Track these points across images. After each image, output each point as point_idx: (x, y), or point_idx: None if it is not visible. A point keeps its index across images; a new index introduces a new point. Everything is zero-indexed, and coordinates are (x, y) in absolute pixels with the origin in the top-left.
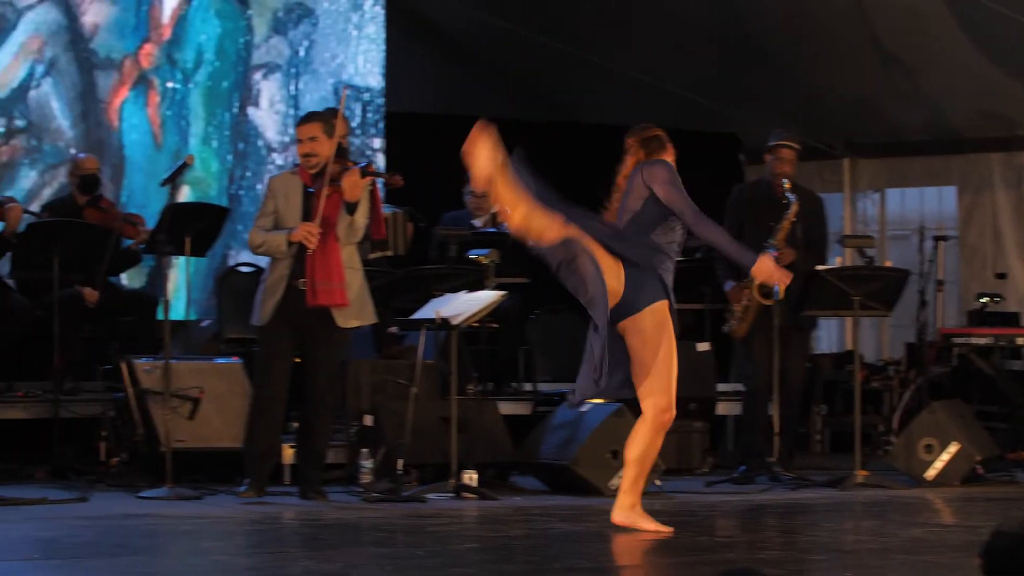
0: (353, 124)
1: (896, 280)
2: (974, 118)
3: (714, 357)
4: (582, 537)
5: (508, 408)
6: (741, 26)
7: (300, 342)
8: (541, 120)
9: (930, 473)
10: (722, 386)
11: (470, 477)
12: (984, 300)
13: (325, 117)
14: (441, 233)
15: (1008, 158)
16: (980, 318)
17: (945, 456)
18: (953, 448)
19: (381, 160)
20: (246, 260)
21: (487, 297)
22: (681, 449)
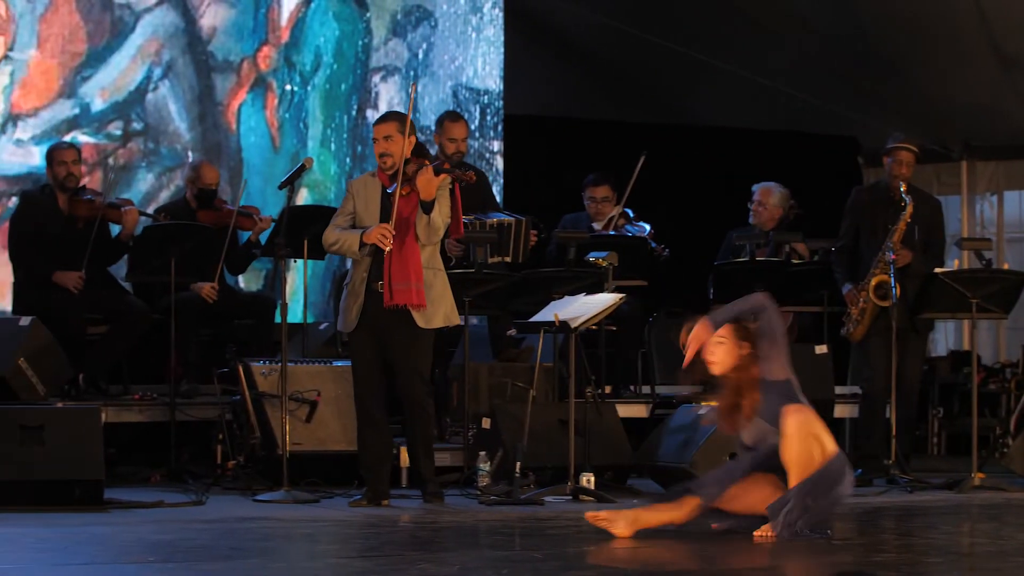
0: (472, 127)
1: (1014, 282)
2: None
3: (831, 360)
4: (695, 539)
5: (626, 411)
6: (861, 29)
7: (384, 345)
8: (658, 122)
9: None
10: (840, 389)
11: (588, 480)
12: None
13: (401, 116)
14: (560, 236)
15: None
16: None
17: None
18: None
19: (500, 163)
20: None
21: (605, 300)
22: None
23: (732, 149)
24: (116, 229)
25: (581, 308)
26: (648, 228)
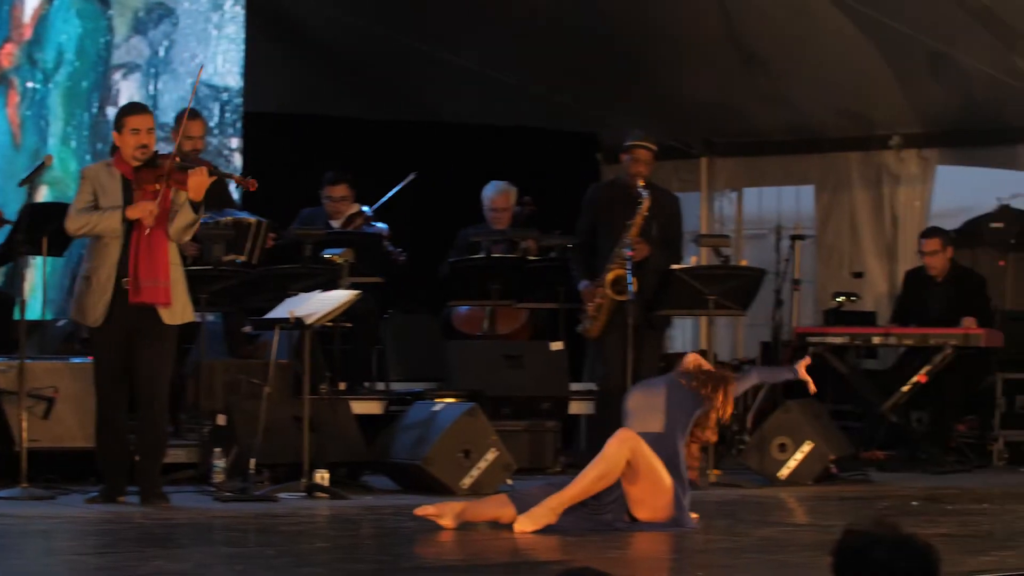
0: (211, 124)
1: (751, 279)
2: (833, 118)
3: (567, 356)
4: (432, 536)
5: (361, 408)
6: (602, 25)
7: (128, 343)
8: (399, 119)
9: (783, 472)
10: (575, 385)
11: (322, 476)
12: (840, 299)
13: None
14: (296, 233)
15: (866, 157)
16: (836, 317)
17: (798, 455)
18: (806, 447)
19: (238, 160)
20: None
21: (341, 296)
22: (533, 448)
23: (472, 146)
24: None
25: (316, 305)
26: (386, 229)
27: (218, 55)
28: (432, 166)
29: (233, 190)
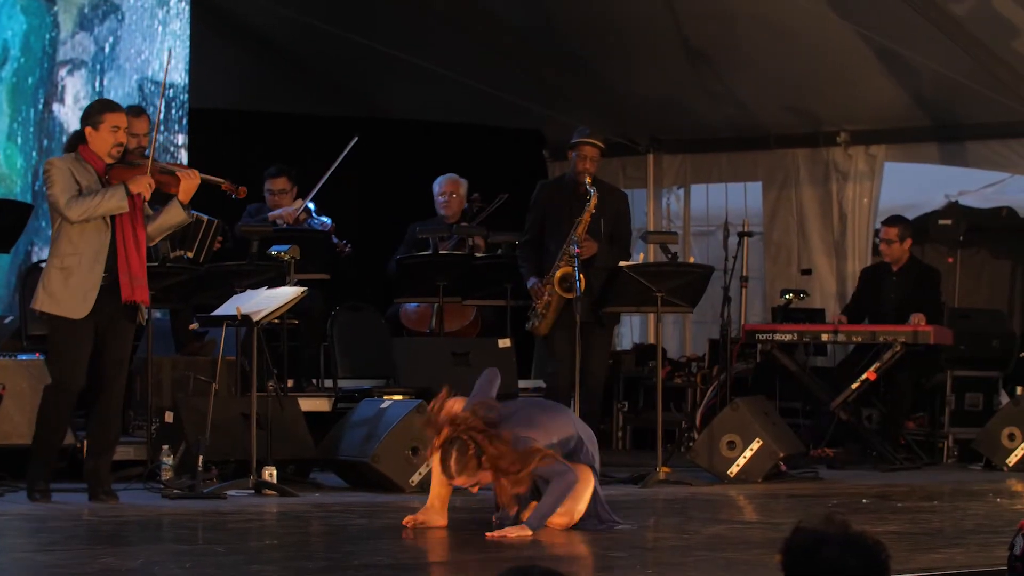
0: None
1: (699, 276)
2: (780, 115)
3: (515, 353)
4: (381, 533)
5: (309, 404)
6: (549, 22)
7: (100, 339)
8: (345, 115)
9: (732, 470)
10: (523, 382)
11: (270, 474)
12: (788, 296)
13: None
14: (242, 229)
15: (814, 154)
16: (784, 314)
17: (748, 453)
18: (756, 445)
19: (184, 156)
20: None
21: (288, 293)
22: None
23: (418, 142)
24: None
25: (263, 302)
26: (330, 223)
27: (163, 51)
28: (379, 163)
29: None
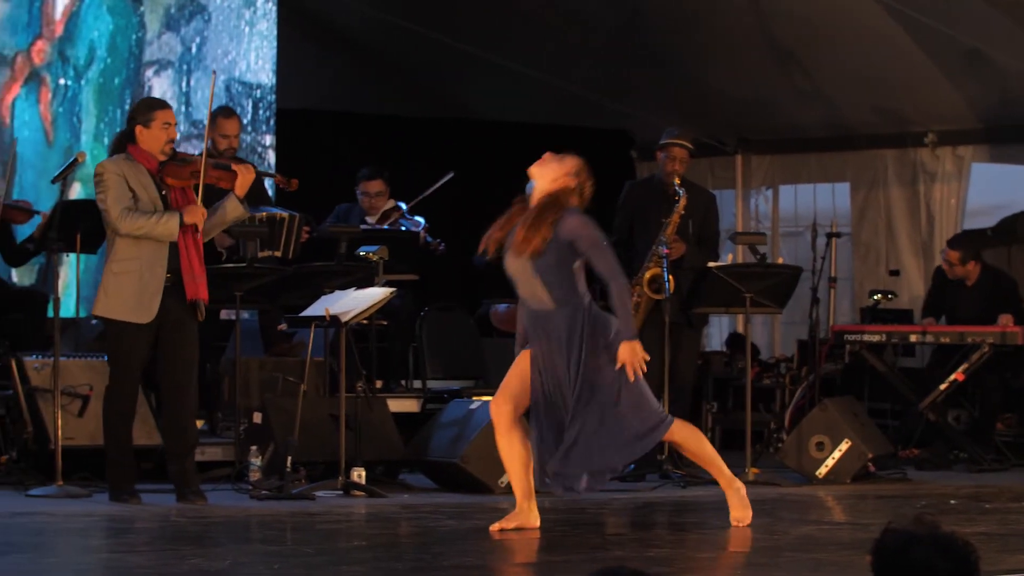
0: (244, 121)
1: (788, 277)
2: (868, 115)
3: None
4: (471, 535)
5: (397, 405)
6: (635, 22)
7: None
8: (432, 116)
9: (821, 471)
10: None
11: (359, 475)
12: (877, 297)
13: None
14: (331, 230)
15: (902, 155)
16: (873, 315)
17: (836, 454)
18: (844, 445)
19: (272, 157)
20: None
21: (376, 294)
22: None
23: (506, 143)
24: None
25: (352, 302)
26: (423, 223)
27: (251, 52)
28: (467, 163)
29: (268, 187)
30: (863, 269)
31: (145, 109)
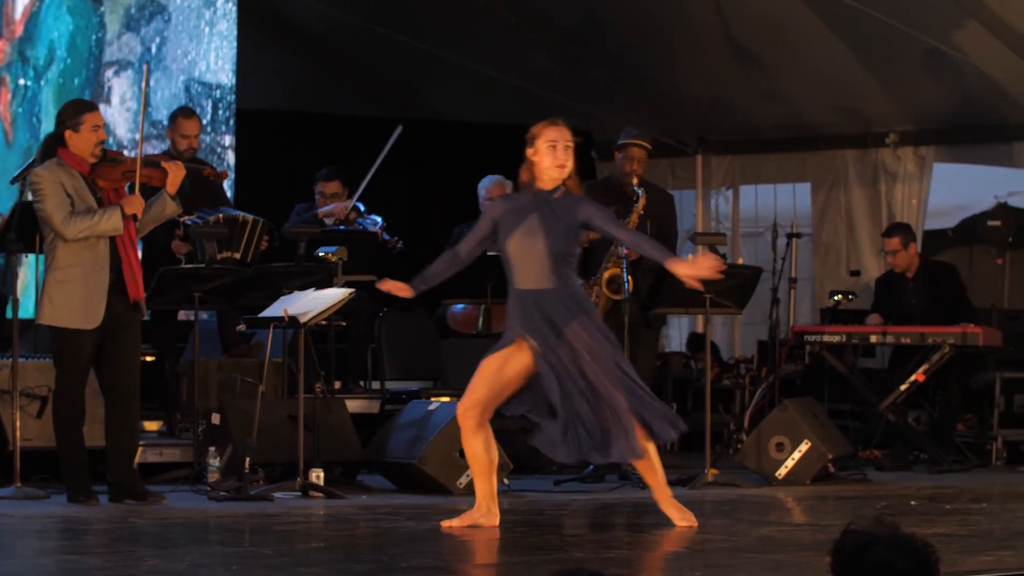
0: (204, 121)
1: (748, 278)
2: (829, 115)
3: None
4: (429, 536)
5: (356, 406)
6: (596, 22)
7: (105, 339)
8: (391, 116)
9: (781, 472)
10: None
11: (317, 476)
12: (837, 298)
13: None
14: (290, 231)
15: (863, 155)
16: (833, 316)
17: (796, 454)
18: (804, 446)
19: (231, 157)
20: None
21: (335, 295)
22: (529, 448)
23: (468, 143)
24: None
25: (310, 303)
26: (380, 221)
27: (211, 52)
28: (427, 163)
29: (227, 188)
30: (823, 270)
31: (73, 113)
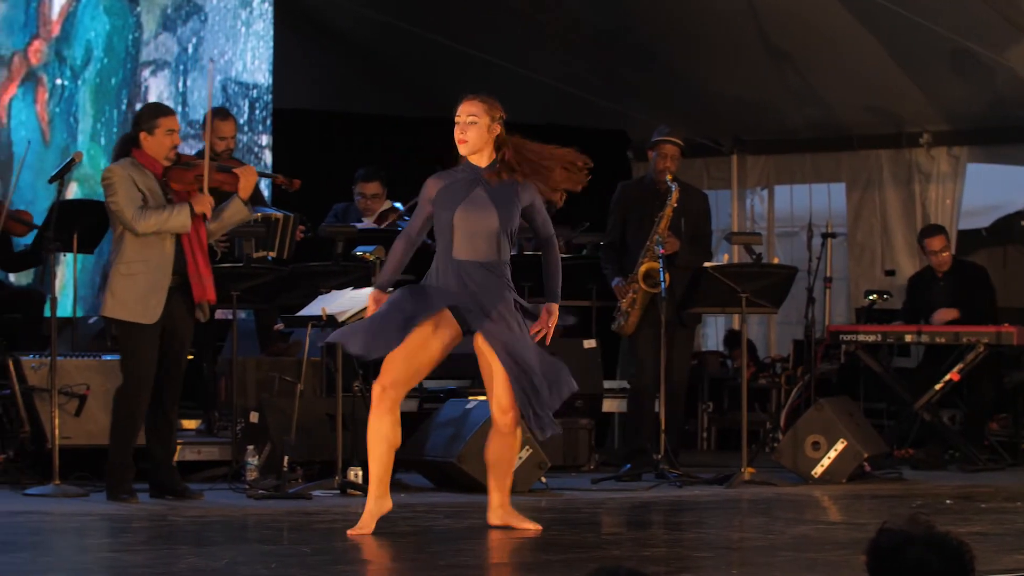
0: (241, 121)
1: (783, 277)
2: (864, 115)
3: (600, 354)
4: (467, 534)
5: None
6: (631, 22)
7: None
8: (427, 116)
9: (817, 470)
10: (608, 383)
11: (355, 474)
12: (872, 297)
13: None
14: (327, 230)
15: (897, 155)
16: (868, 315)
17: (832, 453)
18: (840, 445)
19: (268, 157)
20: None
21: None
22: (567, 446)
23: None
24: None
25: (348, 302)
26: None
27: (247, 52)
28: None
29: (264, 187)
30: (858, 269)
31: (150, 116)
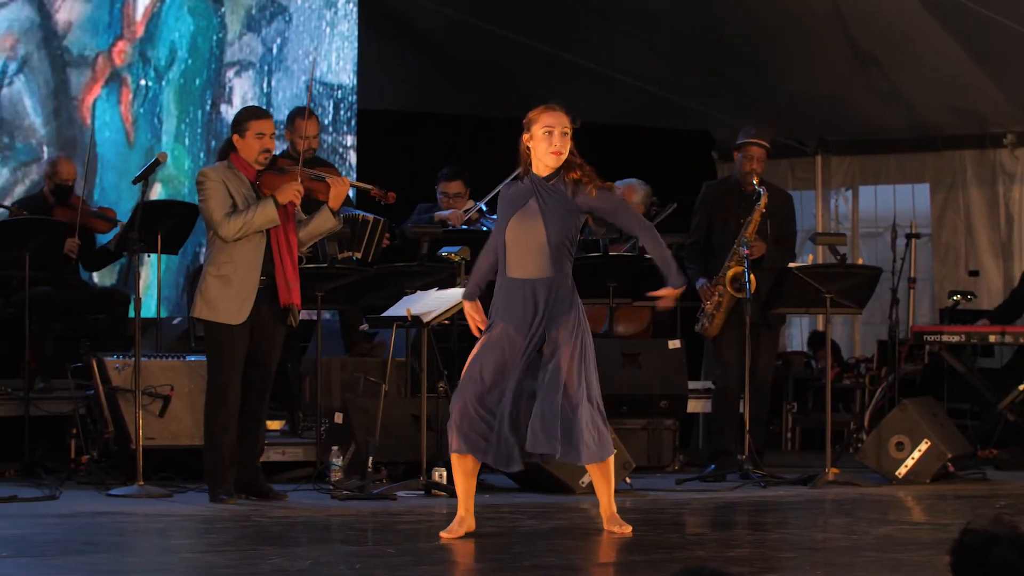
0: (325, 121)
1: (868, 278)
2: (948, 116)
3: (685, 355)
4: (552, 534)
5: None
6: (715, 23)
7: (256, 341)
8: (511, 117)
9: (901, 471)
10: (693, 384)
11: (440, 475)
12: (956, 298)
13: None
14: (412, 231)
15: (981, 156)
16: (952, 316)
17: (916, 454)
18: (924, 446)
19: (353, 158)
20: None
21: (458, 295)
22: (652, 447)
23: (587, 144)
24: None
25: (433, 303)
26: None
27: (332, 52)
28: None
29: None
30: (942, 270)
31: (242, 119)
